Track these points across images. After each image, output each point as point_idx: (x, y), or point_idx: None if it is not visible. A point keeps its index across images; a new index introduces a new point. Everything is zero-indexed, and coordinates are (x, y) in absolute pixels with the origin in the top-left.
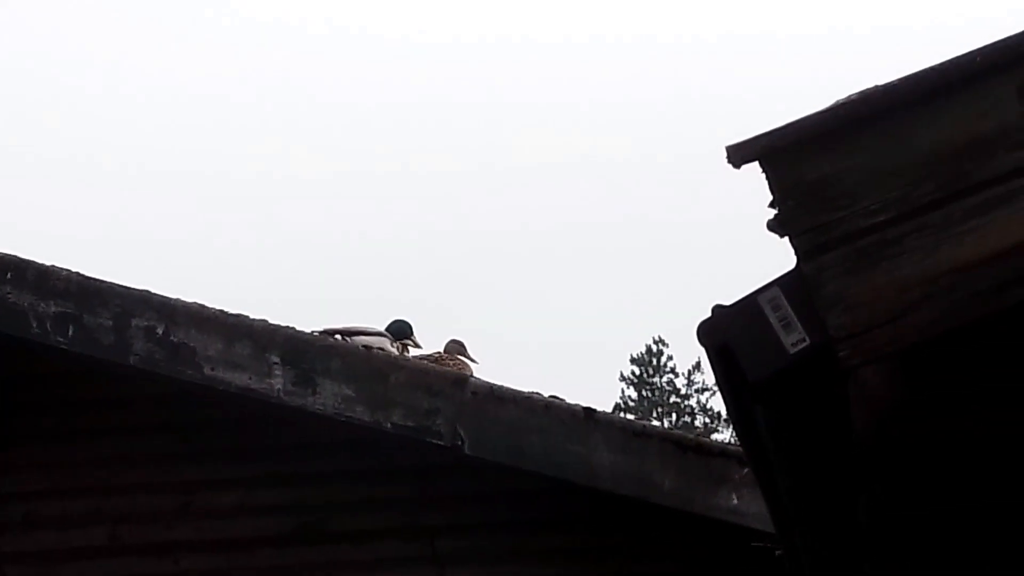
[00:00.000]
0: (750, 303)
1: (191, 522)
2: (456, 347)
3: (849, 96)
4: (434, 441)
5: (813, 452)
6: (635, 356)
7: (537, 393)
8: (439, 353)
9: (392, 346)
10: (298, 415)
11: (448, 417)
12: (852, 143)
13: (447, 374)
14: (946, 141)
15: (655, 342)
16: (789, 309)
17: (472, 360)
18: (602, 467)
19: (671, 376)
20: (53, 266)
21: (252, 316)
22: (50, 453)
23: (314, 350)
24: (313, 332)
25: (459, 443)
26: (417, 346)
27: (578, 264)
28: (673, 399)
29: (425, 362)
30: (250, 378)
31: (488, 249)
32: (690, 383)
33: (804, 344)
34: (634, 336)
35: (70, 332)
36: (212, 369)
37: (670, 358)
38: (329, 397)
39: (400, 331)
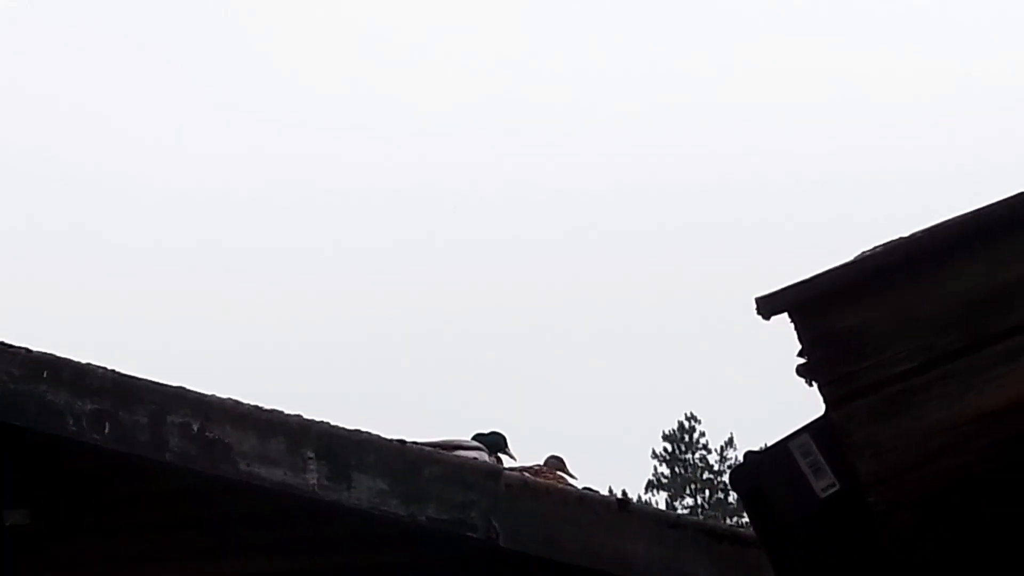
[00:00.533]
0: (781, 449)
1: None
2: (556, 463)
3: (874, 248)
4: (469, 534)
5: None
6: (667, 433)
7: (570, 484)
8: (539, 466)
9: (489, 459)
10: (333, 509)
11: (482, 510)
12: (877, 294)
13: (481, 467)
14: (969, 291)
15: (687, 419)
16: (819, 455)
17: (572, 476)
18: (636, 558)
19: (704, 452)
20: (89, 364)
21: (286, 411)
22: (89, 550)
23: (349, 445)
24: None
25: (494, 536)
26: (512, 458)
27: (605, 341)
28: (706, 475)
29: (463, 459)
30: (285, 473)
31: (502, 334)
32: (723, 459)
33: (834, 489)
34: (665, 413)
35: (106, 429)
36: (247, 465)
37: (702, 434)
38: (364, 491)
39: (495, 444)
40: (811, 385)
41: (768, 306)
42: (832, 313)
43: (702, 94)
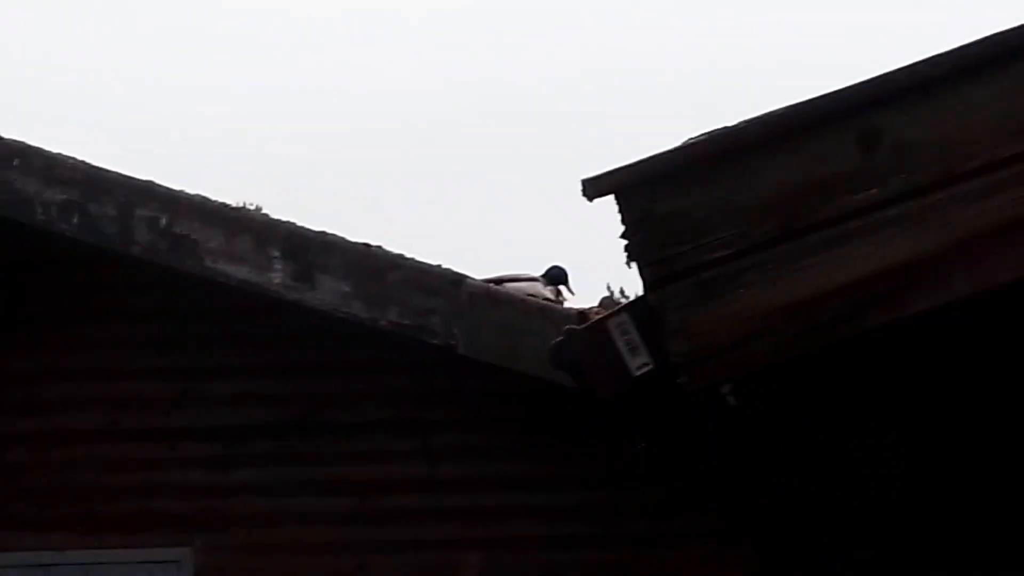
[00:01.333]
0: (599, 326)
1: (189, 409)
2: (608, 302)
3: (698, 136)
4: (429, 340)
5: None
6: None
7: (533, 296)
8: (594, 308)
9: (545, 290)
10: (296, 309)
11: (444, 317)
12: (699, 181)
13: (444, 274)
14: (788, 183)
15: None
16: (636, 334)
17: None
18: None
19: None
20: (60, 154)
21: (253, 210)
22: (54, 336)
23: (314, 246)
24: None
25: (453, 343)
26: (571, 292)
27: None
28: None
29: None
30: (250, 271)
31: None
32: None
33: (648, 368)
34: None
35: (74, 220)
36: (213, 261)
37: None
38: (327, 293)
39: (556, 277)
40: (630, 266)
41: (594, 188)
42: (655, 197)
43: None
